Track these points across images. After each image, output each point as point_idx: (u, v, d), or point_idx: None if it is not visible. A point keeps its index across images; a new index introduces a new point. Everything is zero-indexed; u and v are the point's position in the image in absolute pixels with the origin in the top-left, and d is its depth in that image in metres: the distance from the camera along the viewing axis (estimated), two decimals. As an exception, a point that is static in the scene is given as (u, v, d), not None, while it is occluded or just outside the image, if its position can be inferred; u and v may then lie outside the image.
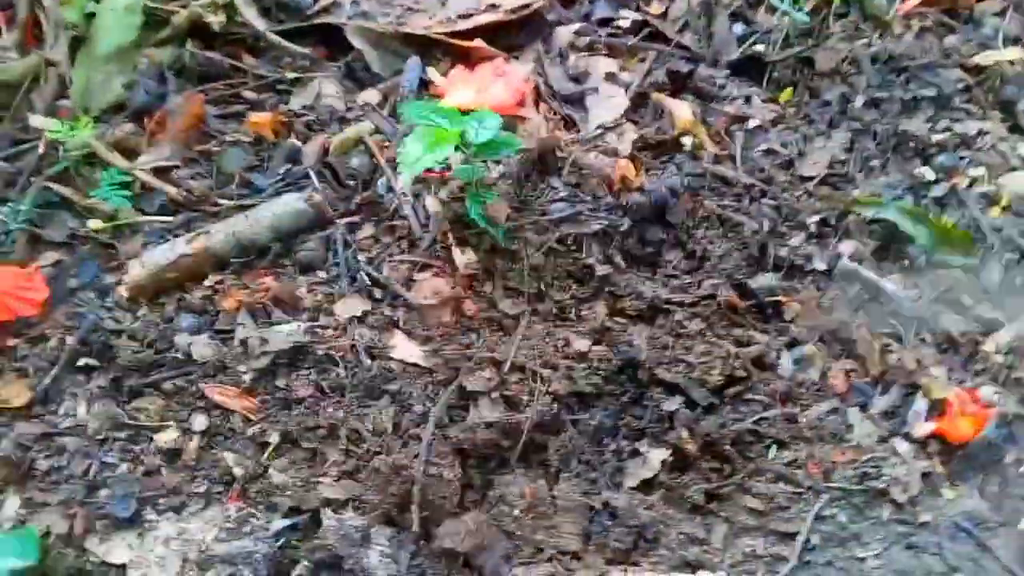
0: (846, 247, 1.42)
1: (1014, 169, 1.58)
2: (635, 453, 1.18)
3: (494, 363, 1.22)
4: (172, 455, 1.17)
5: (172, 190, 1.42)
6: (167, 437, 1.18)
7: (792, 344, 1.32)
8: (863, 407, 1.29)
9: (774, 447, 1.23)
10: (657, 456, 1.16)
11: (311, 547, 1.09)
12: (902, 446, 1.26)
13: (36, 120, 1.45)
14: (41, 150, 1.45)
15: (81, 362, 1.24)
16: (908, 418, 1.28)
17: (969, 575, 1.14)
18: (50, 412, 1.22)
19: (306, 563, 1.08)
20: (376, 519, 1.11)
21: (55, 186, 1.43)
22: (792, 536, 1.19)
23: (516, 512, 1.12)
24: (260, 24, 1.58)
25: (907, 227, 1.42)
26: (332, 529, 1.11)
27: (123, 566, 1.09)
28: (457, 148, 1.29)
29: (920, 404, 1.28)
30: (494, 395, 1.19)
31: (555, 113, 1.51)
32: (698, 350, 1.24)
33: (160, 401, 1.22)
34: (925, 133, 1.57)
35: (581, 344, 1.25)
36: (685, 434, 1.16)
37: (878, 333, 1.33)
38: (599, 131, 1.49)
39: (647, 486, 1.17)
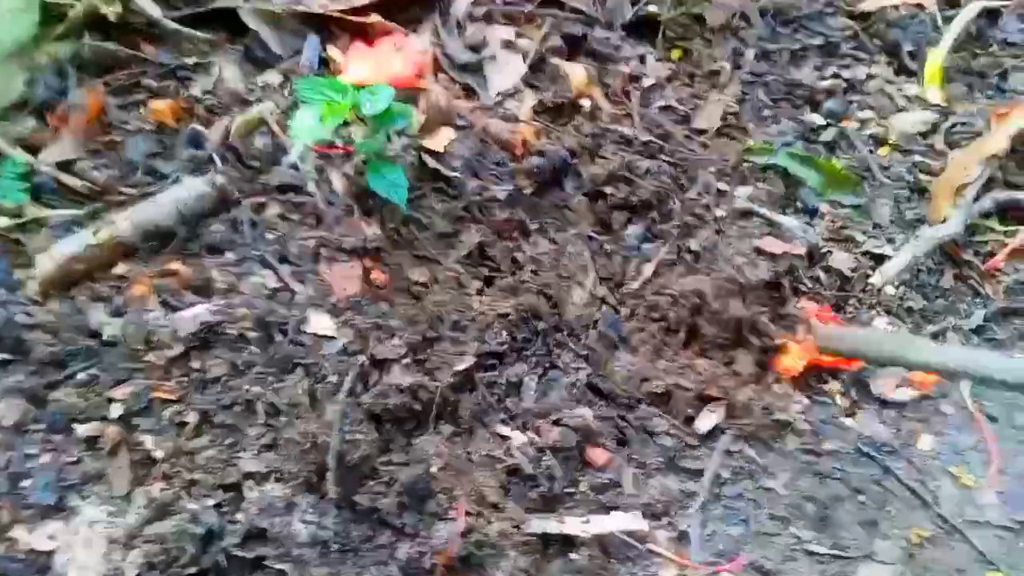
0: (741, 191, 1.48)
1: (901, 110, 1.65)
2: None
3: (405, 330, 1.26)
4: (92, 442, 1.19)
5: (76, 182, 1.42)
6: (86, 425, 1.20)
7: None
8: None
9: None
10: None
11: (235, 520, 1.12)
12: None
13: (-64, 122, 1.44)
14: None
15: (-4, 358, 1.25)
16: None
17: (873, 497, 1.22)
18: (-32, 411, 1.23)
19: (232, 537, 1.11)
20: (298, 488, 1.14)
21: (-42, 187, 1.42)
22: (701, 473, 1.25)
23: (434, 470, 1.17)
24: (156, 11, 1.57)
25: (798, 171, 1.49)
26: (255, 501, 1.14)
27: (50, 552, 1.10)
28: (356, 122, 1.32)
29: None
30: (405, 361, 1.22)
31: (454, 82, 1.54)
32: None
33: (76, 391, 1.23)
34: (814, 81, 1.64)
35: (489, 307, 1.29)
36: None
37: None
38: (499, 98, 1.53)
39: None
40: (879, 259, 1.45)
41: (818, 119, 1.58)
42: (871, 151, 1.57)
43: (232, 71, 1.53)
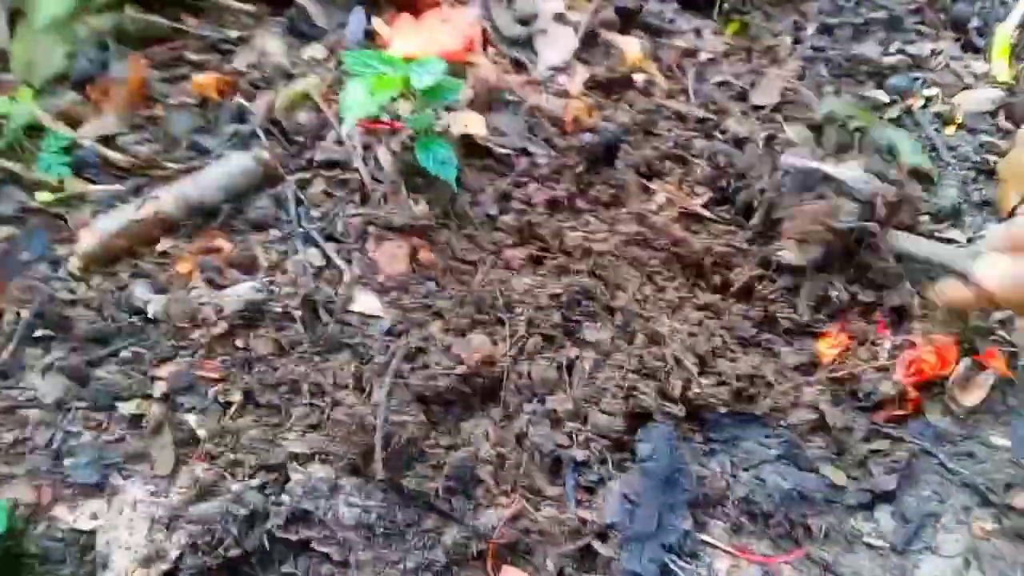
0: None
1: (967, 87, 1.58)
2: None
3: (453, 310, 1.22)
4: (135, 421, 1.17)
5: (119, 157, 1.40)
6: (129, 403, 1.18)
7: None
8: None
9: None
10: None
11: (279, 502, 1.10)
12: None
13: (-21, 96, 1.43)
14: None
15: (38, 334, 1.24)
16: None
17: (936, 489, 1.16)
18: (11, 386, 1.21)
19: (276, 518, 1.09)
20: (343, 470, 1.12)
21: (1, 161, 1.41)
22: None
23: (482, 454, 1.13)
24: (199, -17, 1.54)
25: (883, 130, 1.41)
26: (299, 483, 1.11)
27: (92, 531, 1.09)
28: (404, 97, 1.28)
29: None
30: (454, 342, 1.19)
31: (504, 57, 1.49)
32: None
33: (119, 368, 1.21)
34: (878, 56, 1.57)
35: (540, 286, 1.25)
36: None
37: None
38: (549, 73, 1.48)
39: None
40: (947, 243, 1.39)
41: (882, 96, 1.51)
42: (937, 130, 1.50)
43: (276, 44, 1.49)
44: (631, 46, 1.50)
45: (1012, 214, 1.40)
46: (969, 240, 1.37)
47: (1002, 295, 0.99)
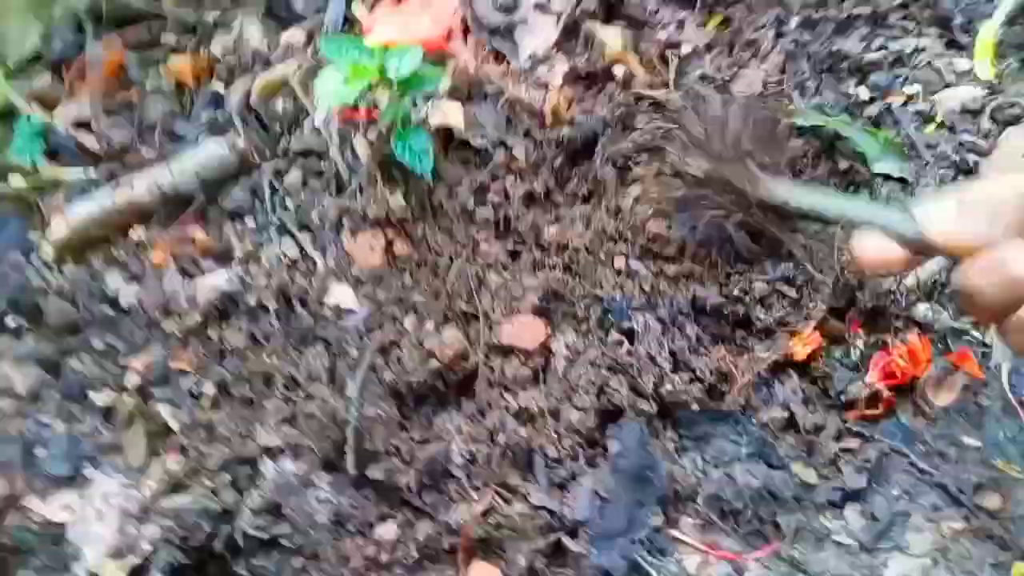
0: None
1: (949, 85, 1.57)
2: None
3: (428, 304, 1.22)
4: (108, 412, 1.17)
5: (94, 142, 1.38)
6: (102, 394, 1.18)
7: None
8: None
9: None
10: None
11: (252, 496, 1.10)
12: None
13: (-50, 76, 1.41)
14: (-42, 107, 1.40)
15: (10, 323, 1.23)
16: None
17: (906, 489, 1.17)
18: (-17, 375, 1.21)
19: (248, 513, 1.09)
20: (315, 464, 1.12)
21: (-28, 144, 1.39)
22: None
23: (454, 448, 1.14)
24: (175, -36, 1.51)
25: (853, 136, 1.41)
26: (272, 477, 1.12)
27: (64, 523, 1.09)
28: (382, 86, 1.27)
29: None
30: (427, 336, 1.19)
31: (484, 46, 1.47)
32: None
33: (93, 359, 1.21)
34: (860, 52, 1.56)
35: (514, 281, 1.25)
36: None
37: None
38: (529, 63, 1.46)
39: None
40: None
41: (863, 92, 1.50)
42: (917, 128, 1.49)
43: (253, 28, 1.47)
44: (612, 38, 1.49)
45: None
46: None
47: (951, 238, 0.78)
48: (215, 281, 1.22)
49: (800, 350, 1.19)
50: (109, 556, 1.05)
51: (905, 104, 1.53)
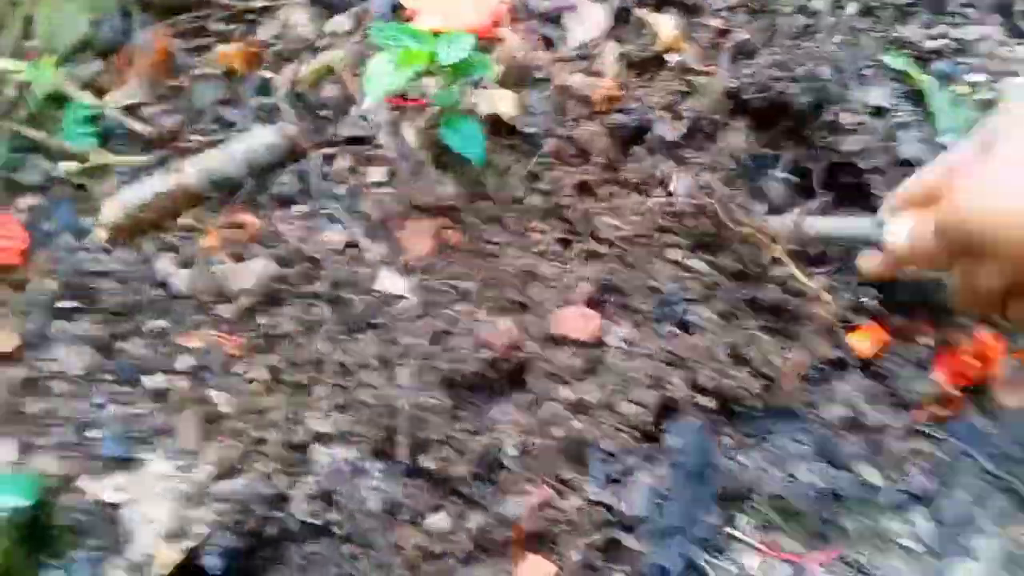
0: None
1: (1014, 73, 1.52)
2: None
3: (479, 294, 1.20)
4: (160, 395, 1.17)
5: (144, 128, 1.38)
6: (154, 377, 1.18)
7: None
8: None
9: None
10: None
11: (303, 483, 1.09)
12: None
13: (3, 63, 1.41)
14: (12, 94, 1.41)
15: (64, 305, 1.23)
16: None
17: (972, 492, 1.13)
18: (37, 358, 1.21)
19: (299, 499, 1.09)
20: (367, 452, 1.11)
21: (26, 129, 1.40)
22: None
23: (507, 439, 1.12)
24: (223, -50, 1.51)
25: (934, 95, 1.38)
26: (323, 464, 1.10)
27: (117, 505, 1.09)
28: (431, 73, 1.25)
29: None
30: (480, 326, 1.17)
31: (532, 33, 1.45)
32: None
33: (145, 342, 1.21)
34: (921, 39, 1.51)
35: (567, 271, 1.23)
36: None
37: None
38: (579, 50, 1.44)
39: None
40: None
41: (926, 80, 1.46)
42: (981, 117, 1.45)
43: (300, 15, 1.46)
44: (665, 24, 1.46)
45: None
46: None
47: (909, 254, 0.98)
48: (265, 267, 1.21)
49: (864, 346, 1.16)
50: (163, 538, 1.05)
51: (970, 93, 1.48)
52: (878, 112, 1.41)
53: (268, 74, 1.41)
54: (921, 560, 1.07)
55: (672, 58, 1.46)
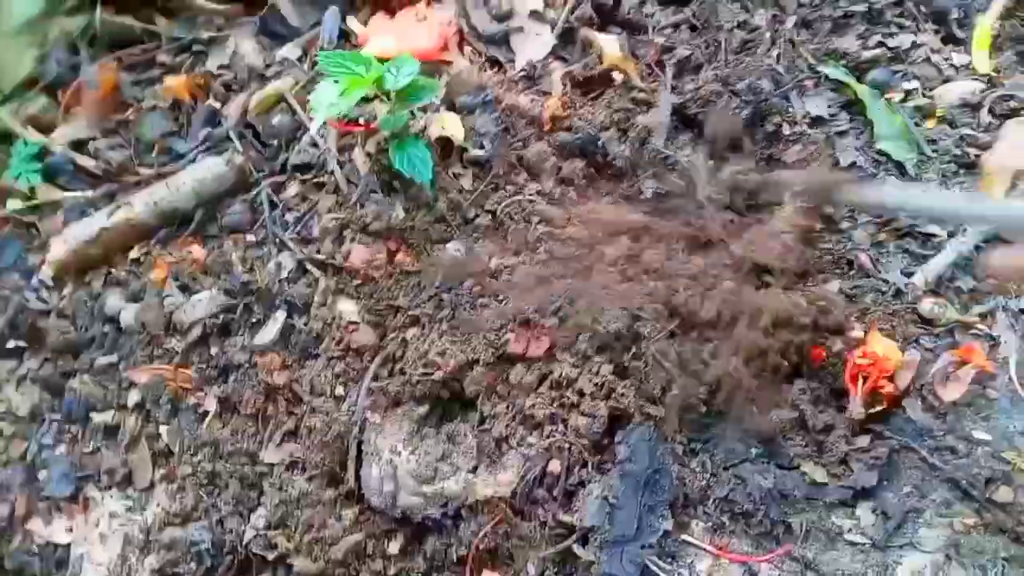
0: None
1: (947, 80, 1.56)
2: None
3: (431, 315, 1.21)
4: (110, 432, 1.16)
5: (91, 163, 1.38)
6: (103, 415, 1.17)
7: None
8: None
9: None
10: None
11: (256, 515, 1.09)
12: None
13: (-54, 102, 1.41)
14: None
15: (10, 345, 1.22)
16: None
17: (916, 485, 1.15)
18: (-16, 398, 1.20)
19: (252, 533, 1.08)
20: (320, 479, 1.11)
21: (-30, 168, 1.39)
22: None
23: (461, 457, 1.12)
24: (169, -17, 1.52)
25: (871, 104, 1.41)
26: (276, 495, 1.10)
27: (67, 545, 1.08)
28: (379, 98, 1.27)
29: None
30: (433, 347, 1.17)
31: (480, 55, 1.47)
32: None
33: (93, 379, 1.20)
34: (857, 49, 1.56)
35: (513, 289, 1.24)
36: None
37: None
38: (526, 71, 1.46)
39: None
40: (925, 238, 1.38)
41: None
42: (917, 124, 1.49)
43: (249, 45, 1.47)
44: (609, 43, 1.49)
45: None
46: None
47: None
48: (214, 298, 1.21)
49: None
50: (113, 579, 1.04)
51: (904, 100, 1.52)
52: (817, 121, 1.45)
53: (216, 104, 1.42)
54: (867, 553, 1.09)
55: (617, 76, 1.50)
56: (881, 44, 1.58)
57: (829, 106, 1.47)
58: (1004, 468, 1.14)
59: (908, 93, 1.54)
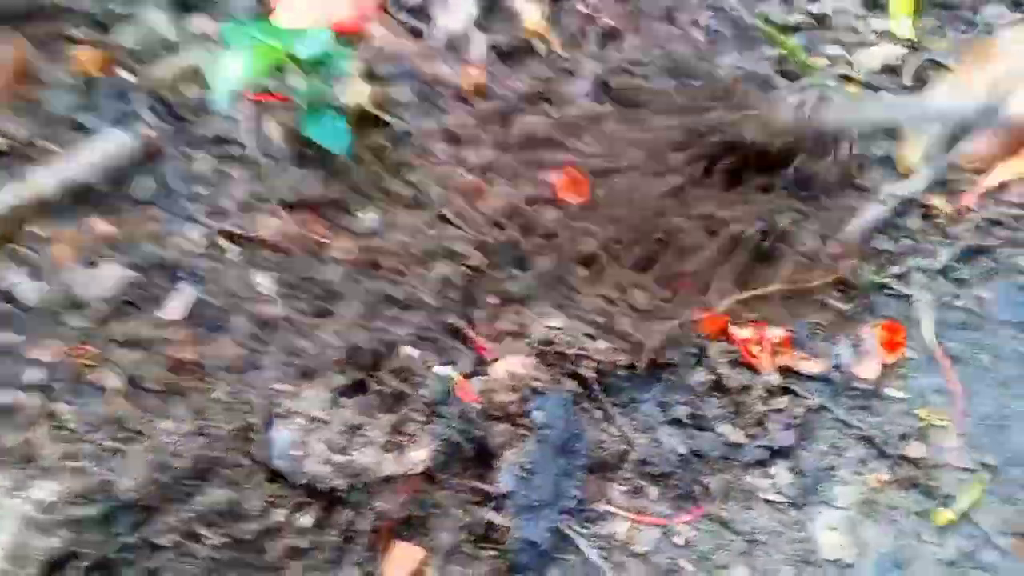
0: None
1: (868, 45, 1.58)
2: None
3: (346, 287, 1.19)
4: (9, 412, 1.12)
5: (-2, 140, 1.33)
6: (3, 393, 1.13)
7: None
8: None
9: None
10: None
11: (161, 496, 1.05)
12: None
13: None
14: None
15: (-91, 325, 1.18)
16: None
17: (831, 443, 1.16)
18: None
19: (154, 516, 1.04)
20: (226, 451, 1.08)
21: None
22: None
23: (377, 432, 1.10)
24: (77, -46, 1.47)
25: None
26: (182, 471, 1.07)
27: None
28: (293, 69, 1.24)
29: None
30: (343, 320, 1.15)
31: (400, 24, 1.45)
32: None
33: (-8, 358, 1.16)
34: (782, 16, 1.56)
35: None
36: None
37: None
38: (448, 40, 1.44)
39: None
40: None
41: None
42: (838, 89, 1.50)
43: (159, 16, 1.43)
44: (531, 12, 1.47)
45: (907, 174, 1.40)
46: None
47: None
48: (120, 273, 1.18)
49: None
50: (8, 563, 1.00)
51: (828, 66, 1.53)
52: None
53: (126, 77, 1.38)
54: (784, 511, 1.09)
55: (540, 46, 1.48)
56: (804, 11, 1.59)
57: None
58: (917, 424, 1.15)
59: (831, 59, 1.55)
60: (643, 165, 1.32)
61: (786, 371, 1.15)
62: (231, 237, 1.23)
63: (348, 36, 1.40)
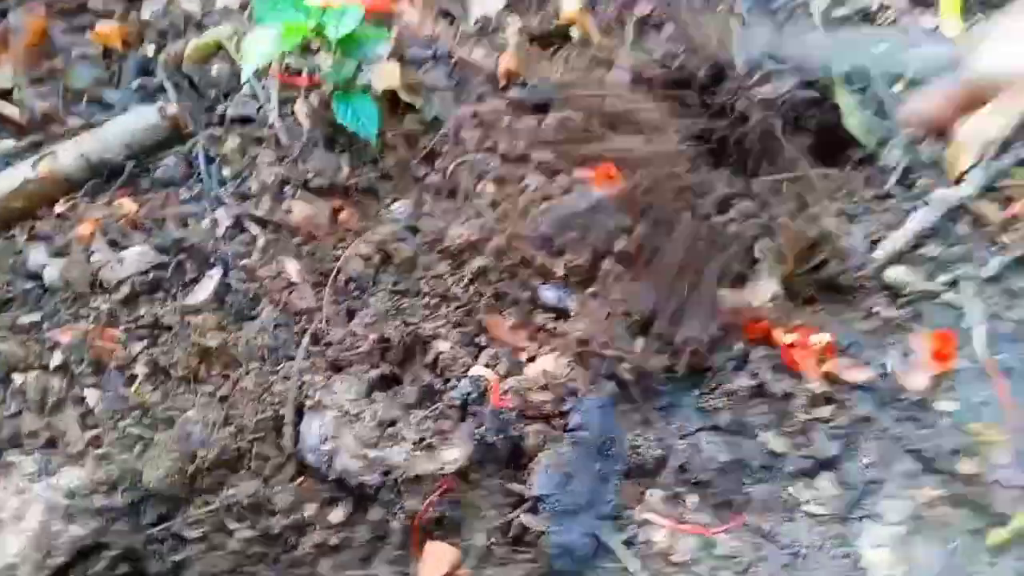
0: None
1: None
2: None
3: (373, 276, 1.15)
4: (31, 394, 1.08)
5: (17, 112, 1.30)
6: (27, 375, 1.09)
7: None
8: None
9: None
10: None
11: (186, 486, 1.02)
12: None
13: None
14: None
15: (-71, 303, 1.14)
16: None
17: (879, 456, 1.12)
18: (-99, 358, 1.12)
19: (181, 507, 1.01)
20: (255, 443, 1.04)
21: None
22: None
23: (408, 426, 1.07)
24: (101, -76, 1.42)
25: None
26: (209, 461, 1.04)
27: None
28: (324, 49, 1.20)
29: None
30: (372, 310, 1.11)
31: (432, 7, 1.40)
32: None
33: (16, 338, 1.12)
34: (826, 8, 1.52)
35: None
36: None
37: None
38: (480, 24, 1.40)
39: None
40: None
41: (829, 51, 1.45)
42: (886, 87, 1.45)
43: (187, -10, 1.39)
44: (570, -2, 1.43)
45: (961, 179, 1.36)
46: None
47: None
48: (144, 255, 1.14)
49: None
50: (32, 549, 0.97)
51: (873, 63, 1.49)
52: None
53: (150, 53, 1.34)
54: (827, 524, 1.05)
55: (575, 32, 1.44)
56: (849, 4, 1.54)
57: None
58: (968, 440, 1.11)
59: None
60: (675, 158, 1.27)
61: (831, 379, 1.11)
62: (258, 221, 1.19)
63: (380, 17, 1.35)
